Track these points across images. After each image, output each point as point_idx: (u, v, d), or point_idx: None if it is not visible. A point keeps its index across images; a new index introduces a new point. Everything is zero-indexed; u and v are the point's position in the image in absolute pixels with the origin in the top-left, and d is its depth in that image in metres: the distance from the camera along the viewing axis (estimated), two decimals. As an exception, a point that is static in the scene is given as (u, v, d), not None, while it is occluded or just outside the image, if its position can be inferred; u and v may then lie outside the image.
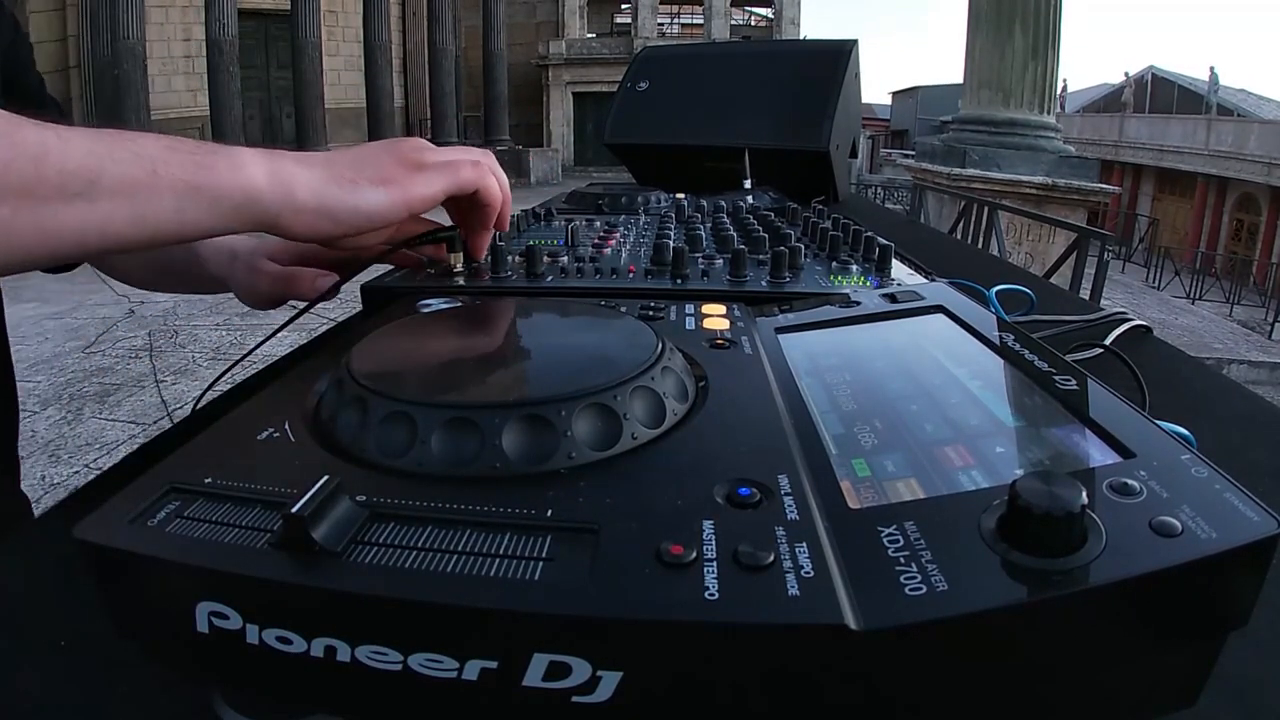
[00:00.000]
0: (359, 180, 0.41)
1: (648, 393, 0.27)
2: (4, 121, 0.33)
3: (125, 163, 0.36)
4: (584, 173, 14.62)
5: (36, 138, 0.34)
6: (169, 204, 0.37)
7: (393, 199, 0.41)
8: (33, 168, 0.33)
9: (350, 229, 0.41)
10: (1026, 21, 5.31)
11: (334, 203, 0.40)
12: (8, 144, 0.33)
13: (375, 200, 0.41)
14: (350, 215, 0.40)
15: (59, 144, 0.34)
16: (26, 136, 0.34)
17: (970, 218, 4.41)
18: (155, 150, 0.37)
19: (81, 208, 0.35)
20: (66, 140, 0.34)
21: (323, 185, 0.40)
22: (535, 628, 0.18)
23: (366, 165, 0.42)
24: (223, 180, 0.38)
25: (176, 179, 0.37)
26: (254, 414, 0.29)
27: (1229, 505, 0.20)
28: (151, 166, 0.36)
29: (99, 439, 3.17)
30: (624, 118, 1.34)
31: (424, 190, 0.42)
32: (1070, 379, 0.30)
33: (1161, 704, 0.21)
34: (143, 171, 0.36)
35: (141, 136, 0.37)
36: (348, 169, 0.41)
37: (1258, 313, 9.62)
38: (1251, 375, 5.73)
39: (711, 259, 0.55)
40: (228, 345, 4.35)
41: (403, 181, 0.42)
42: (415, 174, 0.42)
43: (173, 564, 0.21)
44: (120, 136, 0.37)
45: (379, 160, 0.42)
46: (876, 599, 0.18)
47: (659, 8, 18.25)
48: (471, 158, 0.46)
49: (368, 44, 12.46)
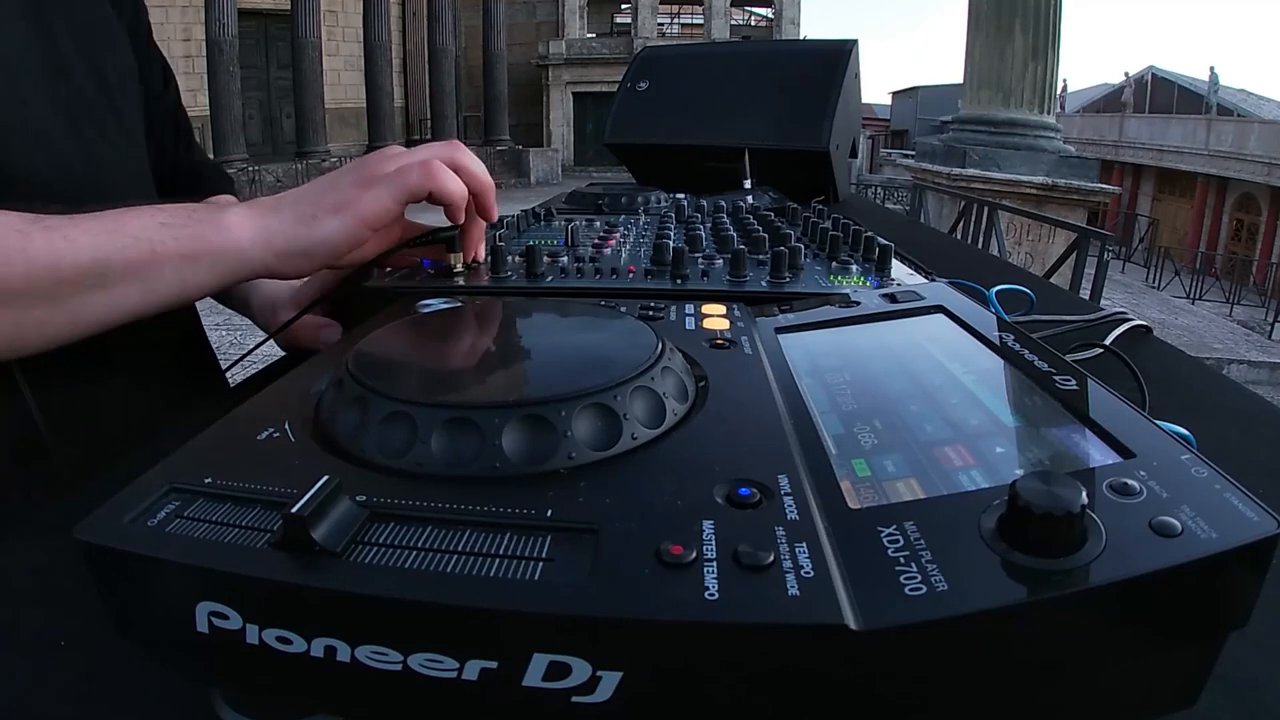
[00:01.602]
0: (318, 214, 0.44)
1: (648, 393, 0.27)
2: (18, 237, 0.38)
3: (128, 248, 0.40)
4: (584, 173, 14.61)
5: (47, 247, 0.38)
6: (171, 276, 0.41)
7: (346, 223, 0.44)
8: (52, 275, 0.38)
9: (324, 260, 0.44)
10: (1026, 21, 5.32)
11: (303, 243, 0.43)
12: (24, 260, 0.37)
13: (333, 229, 0.44)
14: (318, 250, 0.44)
15: (68, 247, 0.39)
16: (39, 248, 0.38)
17: (970, 218, 4.41)
18: (151, 230, 0.41)
19: (99, 295, 0.40)
20: (74, 241, 0.39)
21: (291, 229, 0.43)
22: (535, 628, 0.18)
23: (329, 193, 0.45)
24: (213, 246, 0.42)
25: (173, 254, 0.41)
26: (254, 414, 0.29)
27: (1229, 505, 0.20)
28: (150, 247, 0.40)
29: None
30: (624, 118, 1.34)
31: (373, 206, 0.44)
32: (1070, 379, 0.30)
33: (1161, 704, 0.21)
34: (144, 253, 0.40)
35: (137, 215, 0.41)
36: (309, 204, 0.44)
37: (1258, 313, 9.62)
38: (1251, 375, 5.73)
39: (711, 259, 0.55)
40: (228, 345, 4.34)
41: (354, 203, 0.44)
42: (367, 191, 0.44)
43: (173, 564, 0.21)
44: (118, 221, 0.41)
45: (339, 185, 0.45)
46: (876, 599, 0.18)
47: (659, 8, 18.24)
48: (420, 159, 0.46)
49: (368, 44, 12.47)
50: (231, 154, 10.84)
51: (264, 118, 13.36)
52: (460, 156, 0.47)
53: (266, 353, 0.53)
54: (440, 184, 0.45)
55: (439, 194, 0.45)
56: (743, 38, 17.77)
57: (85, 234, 0.39)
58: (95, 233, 0.39)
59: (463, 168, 0.47)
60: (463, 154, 0.48)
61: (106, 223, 0.40)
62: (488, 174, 0.49)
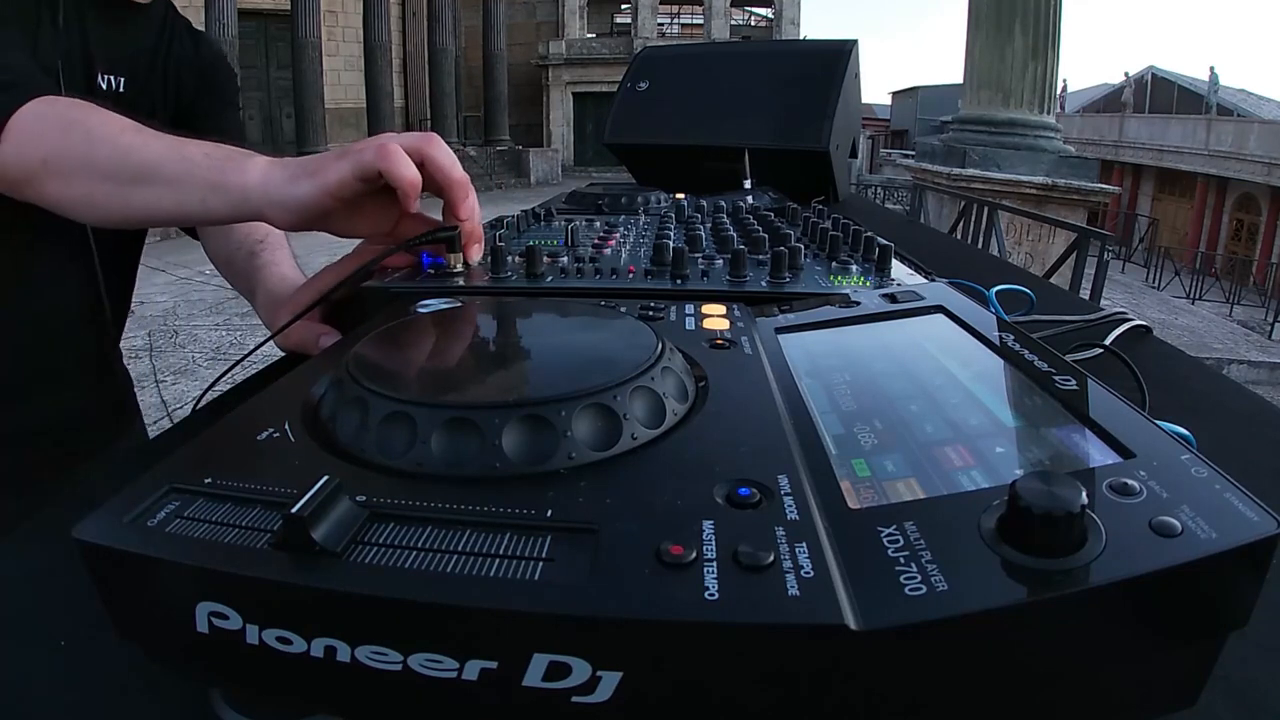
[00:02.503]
0: (300, 176, 0.48)
1: (648, 393, 0.27)
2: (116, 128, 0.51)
3: (176, 163, 0.50)
4: (584, 173, 14.62)
5: (130, 141, 0.51)
6: (195, 195, 0.50)
7: (313, 187, 0.47)
8: (124, 159, 0.50)
9: (296, 215, 0.49)
10: (1026, 22, 5.31)
11: (283, 196, 0.48)
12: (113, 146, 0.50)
13: (303, 189, 0.48)
14: (293, 204, 0.48)
15: (144, 147, 0.50)
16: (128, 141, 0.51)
17: (970, 218, 4.41)
18: (197, 155, 0.50)
19: (147, 191, 0.50)
20: (148, 145, 0.51)
21: (279, 183, 0.49)
22: (535, 628, 0.18)
23: (314, 160, 0.50)
24: (231, 180, 0.49)
25: (203, 178, 0.49)
26: (254, 414, 0.29)
27: (1229, 505, 0.20)
28: (190, 168, 0.50)
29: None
30: (624, 118, 1.34)
31: (333, 176, 0.47)
32: (1070, 379, 0.30)
33: (1161, 704, 0.21)
34: (184, 171, 0.50)
35: (192, 144, 0.51)
36: (301, 166, 0.49)
37: (1258, 313, 9.63)
38: (1251, 375, 5.73)
39: (711, 259, 0.55)
40: (228, 345, 4.34)
41: (324, 170, 0.47)
42: (335, 163, 0.48)
43: (172, 564, 0.21)
44: (183, 144, 0.51)
45: (326, 156, 0.49)
46: (876, 599, 0.18)
47: (659, 8, 18.25)
48: (379, 141, 0.48)
49: (368, 44, 12.47)
50: (231, 154, 10.82)
51: (264, 118, 13.37)
52: (429, 148, 0.48)
53: (266, 353, 0.53)
54: (390, 166, 0.46)
55: (388, 176, 0.46)
56: (743, 38, 17.77)
57: (159, 143, 0.51)
58: (164, 146, 0.50)
59: (430, 159, 0.48)
60: (434, 146, 0.49)
61: (175, 143, 0.51)
62: (459, 169, 0.50)
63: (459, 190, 0.50)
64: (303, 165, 0.49)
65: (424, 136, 0.49)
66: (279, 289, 0.69)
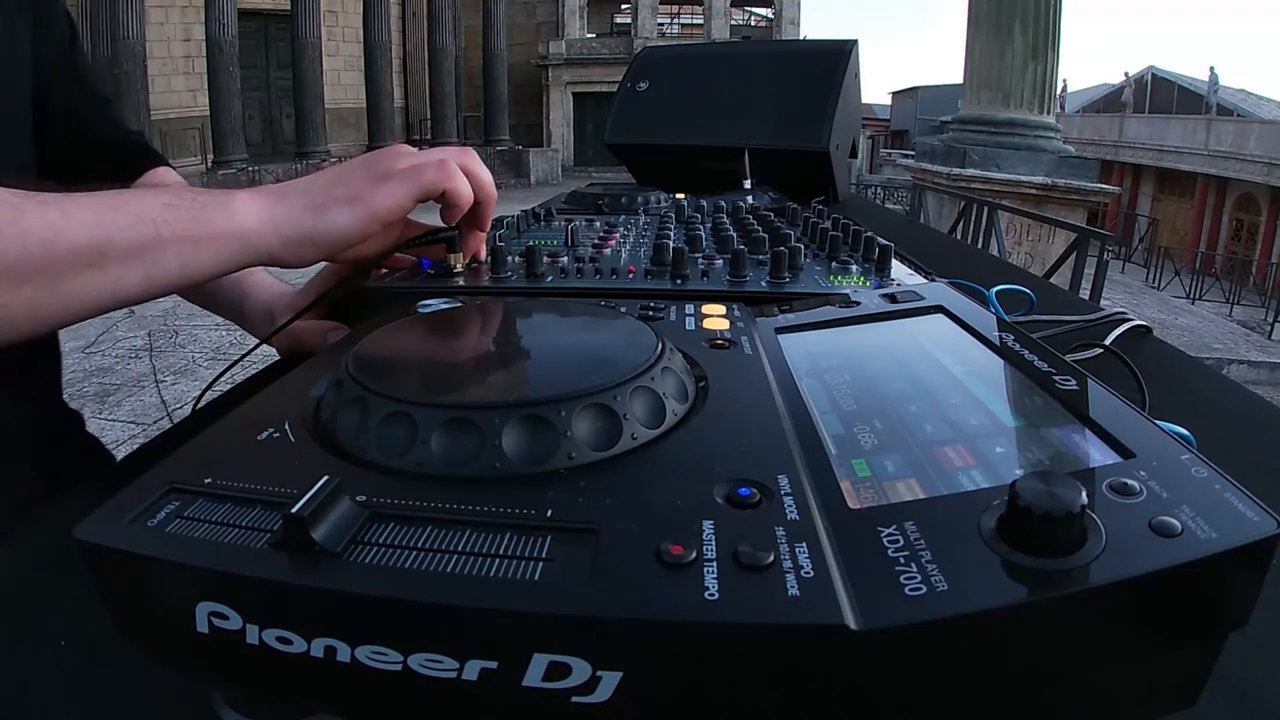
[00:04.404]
0: (329, 204, 0.43)
1: (648, 393, 0.27)
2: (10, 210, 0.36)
3: (130, 228, 0.38)
4: (584, 173, 14.62)
5: (41, 221, 0.36)
6: (172, 258, 0.40)
7: (358, 215, 0.43)
8: (46, 251, 0.36)
9: (330, 250, 0.44)
10: (1026, 22, 5.32)
11: (310, 231, 0.43)
12: (17, 233, 0.36)
13: (344, 220, 0.43)
14: (326, 239, 0.43)
15: (65, 222, 0.37)
16: (33, 222, 0.36)
17: (970, 218, 4.41)
18: (155, 211, 0.39)
19: (95, 276, 0.38)
20: (71, 216, 0.37)
21: (299, 216, 0.43)
22: (535, 628, 0.18)
23: (338, 185, 0.44)
24: (219, 229, 0.41)
25: (177, 235, 0.40)
26: (254, 414, 0.29)
27: (1229, 505, 0.20)
28: (154, 228, 0.39)
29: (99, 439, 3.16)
30: (624, 118, 1.34)
31: (388, 201, 0.44)
32: (1070, 379, 0.30)
33: (1161, 704, 0.21)
34: (147, 234, 0.39)
35: (141, 196, 0.40)
36: (320, 193, 0.44)
37: (1258, 313, 9.62)
38: (1251, 375, 5.73)
39: (711, 259, 0.55)
40: (228, 345, 4.34)
41: (368, 196, 0.43)
42: (380, 185, 0.44)
43: (172, 564, 0.21)
44: (122, 201, 0.39)
45: (350, 177, 0.45)
46: (876, 599, 0.18)
47: (659, 8, 18.25)
48: (437, 158, 0.46)
49: (368, 44, 12.48)
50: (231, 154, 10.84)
51: (264, 118, 13.37)
52: (471, 162, 0.48)
53: (266, 353, 0.53)
54: (455, 187, 0.46)
55: (451, 194, 0.46)
56: (743, 38, 17.77)
57: (84, 210, 0.38)
58: (95, 210, 0.38)
59: (472, 173, 0.48)
60: (474, 160, 0.48)
61: (107, 201, 0.39)
62: (493, 184, 0.50)
63: (492, 205, 0.50)
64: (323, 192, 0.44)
65: (463, 151, 0.48)
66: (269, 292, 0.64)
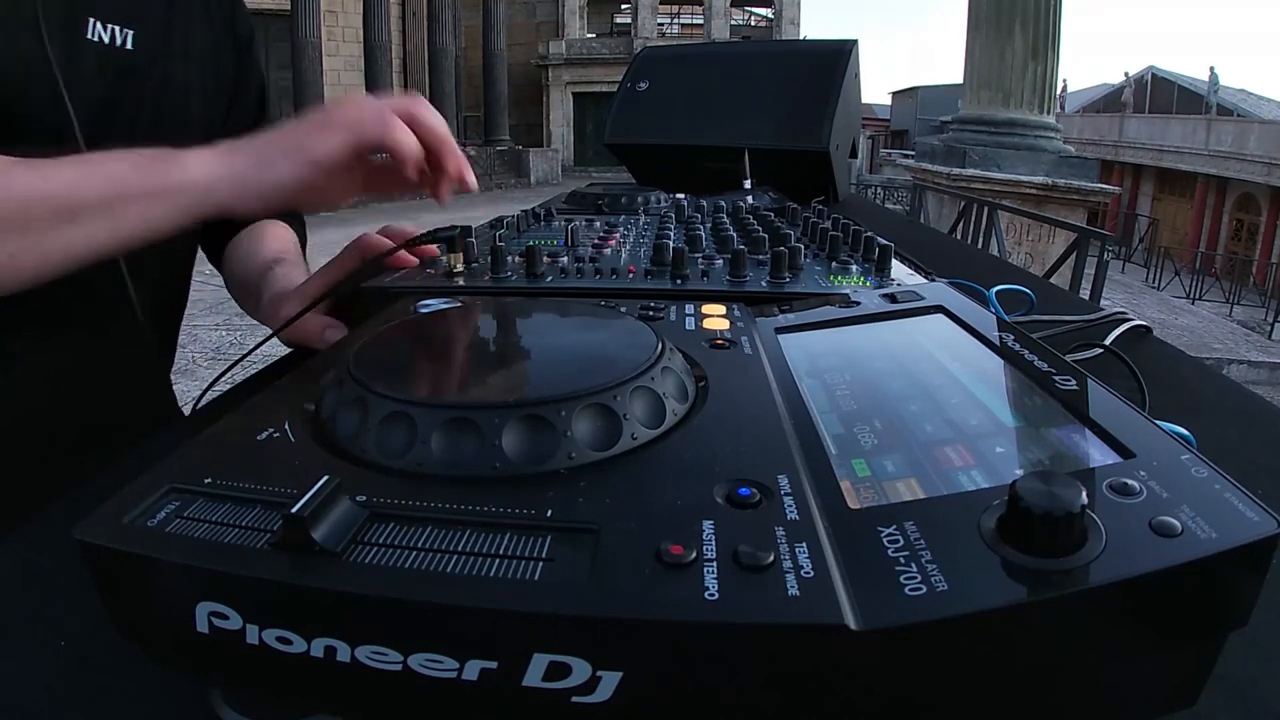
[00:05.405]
0: (273, 156, 0.45)
1: (648, 393, 0.27)
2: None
3: (98, 186, 0.42)
4: (584, 173, 14.62)
5: (24, 181, 0.41)
6: (134, 213, 0.43)
7: (296, 165, 0.45)
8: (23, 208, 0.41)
9: (276, 200, 0.46)
10: (1026, 22, 5.31)
11: (255, 181, 0.45)
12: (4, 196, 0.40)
13: (283, 170, 0.45)
14: (271, 190, 0.45)
15: (43, 182, 0.42)
16: (14, 181, 0.41)
17: (970, 218, 4.41)
18: (122, 169, 0.43)
19: (69, 230, 0.42)
20: (49, 177, 0.42)
21: (243, 168, 0.45)
22: (535, 628, 0.18)
23: (283, 138, 0.46)
24: (174, 183, 0.44)
25: (137, 191, 0.43)
26: (254, 414, 0.29)
27: (1229, 505, 0.20)
28: (119, 185, 0.43)
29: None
30: (624, 118, 1.34)
31: (324, 147, 0.45)
32: (1070, 379, 0.30)
33: (1161, 704, 0.21)
34: (112, 190, 0.43)
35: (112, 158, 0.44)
36: (266, 145, 0.46)
37: (1258, 313, 9.62)
38: (1251, 375, 5.73)
39: (711, 259, 0.55)
40: (228, 345, 4.34)
41: (306, 145, 0.45)
42: (318, 134, 0.45)
43: (172, 564, 0.21)
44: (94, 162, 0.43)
45: (296, 129, 0.46)
46: (876, 599, 0.18)
47: (659, 8, 18.25)
48: (374, 108, 0.46)
49: (368, 44, 12.47)
50: (231, 154, 10.81)
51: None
52: (417, 109, 0.47)
53: (267, 353, 0.53)
54: (396, 136, 0.46)
55: (391, 146, 0.46)
56: (743, 38, 17.77)
57: (61, 170, 0.42)
58: (73, 169, 0.42)
59: (418, 120, 0.47)
60: (420, 106, 0.48)
61: (83, 164, 0.43)
62: (445, 127, 0.49)
63: (446, 147, 0.49)
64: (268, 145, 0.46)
65: (410, 99, 0.48)
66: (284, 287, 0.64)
